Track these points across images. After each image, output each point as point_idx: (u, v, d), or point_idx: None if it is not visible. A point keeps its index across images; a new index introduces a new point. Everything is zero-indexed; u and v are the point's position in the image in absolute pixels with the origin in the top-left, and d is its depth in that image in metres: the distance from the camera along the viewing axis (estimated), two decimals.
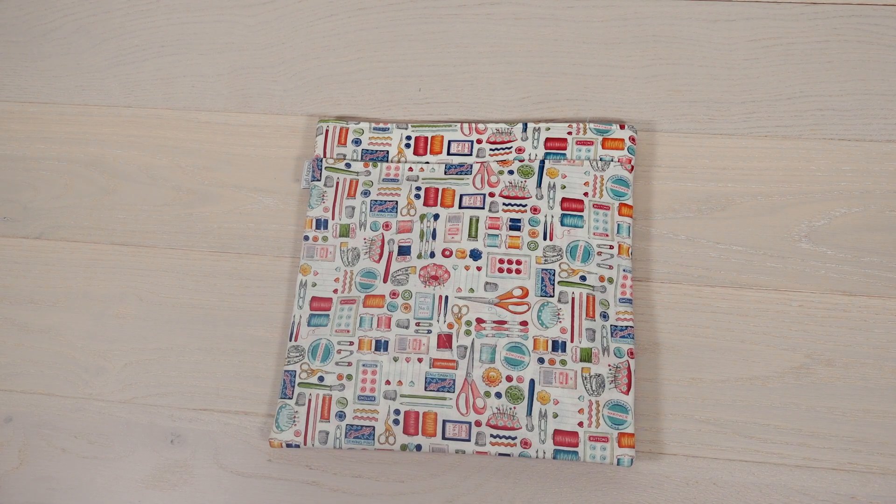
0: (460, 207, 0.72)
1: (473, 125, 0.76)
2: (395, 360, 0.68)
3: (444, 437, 0.66)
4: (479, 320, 0.68)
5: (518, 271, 0.70)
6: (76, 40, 0.86)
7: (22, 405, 0.73)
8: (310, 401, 0.68)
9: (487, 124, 0.76)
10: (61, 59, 0.86)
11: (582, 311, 0.68)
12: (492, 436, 0.65)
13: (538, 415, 0.65)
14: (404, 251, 0.72)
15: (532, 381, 0.66)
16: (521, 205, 0.72)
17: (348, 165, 0.76)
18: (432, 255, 0.71)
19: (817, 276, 0.69)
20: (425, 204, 0.73)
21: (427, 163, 0.75)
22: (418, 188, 0.74)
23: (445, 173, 0.74)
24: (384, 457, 0.69)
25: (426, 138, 0.76)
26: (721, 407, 0.67)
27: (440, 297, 0.69)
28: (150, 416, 0.72)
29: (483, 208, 0.72)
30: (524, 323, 0.68)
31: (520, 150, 0.74)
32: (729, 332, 0.69)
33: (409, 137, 0.76)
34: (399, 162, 0.75)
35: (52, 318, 0.76)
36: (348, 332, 0.70)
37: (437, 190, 0.73)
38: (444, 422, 0.66)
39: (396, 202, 0.74)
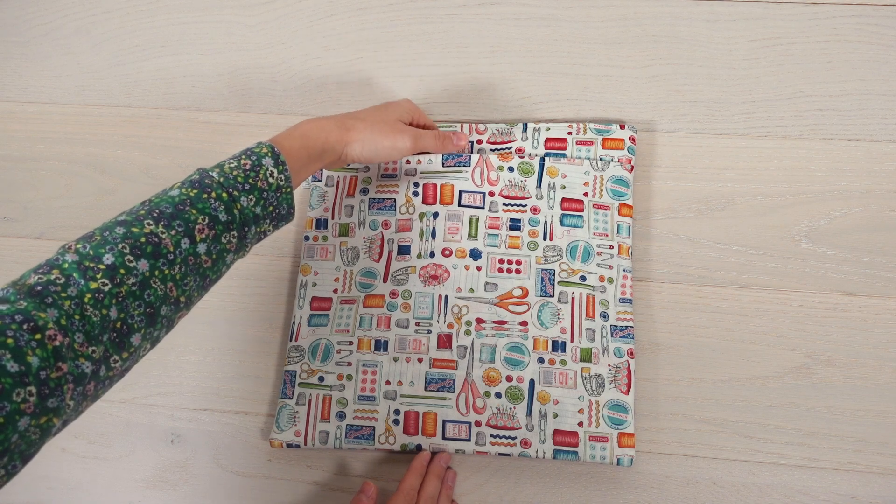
0: (459, 205, 0.72)
1: (473, 125, 0.76)
2: (395, 360, 0.68)
3: (444, 437, 0.66)
4: (479, 320, 0.68)
5: (518, 271, 0.70)
6: (76, 40, 0.86)
7: None
8: (310, 401, 0.68)
9: (487, 124, 0.76)
10: (61, 59, 0.86)
11: (582, 311, 0.68)
12: (492, 436, 0.65)
13: (538, 415, 0.65)
14: (404, 250, 0.72)
15: (532, 381, 0.66)
16: (521, 205, 0.72)
17: (348, 164, 0.76)
18: (432, 254, 0.71)
19: (817, 276, 0.69)
20: (424, 202, 0.73)
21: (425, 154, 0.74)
22: (416, 184, 0.73)
23: (443, 164, 0.73)
24: (384, 457, 0.69)
25: None
26: (721, 407, 0.67)
27: (440, 296, 0.69)
28: (150, 416, 0.72)
29: (483, 208, 0.72)
30: (524, 323, 0.68)
31: (520, 151, 0.74)
32: (729, 332, 0.69)
33: None
34: None
35: None
36: (348, 331, 0.70)
37: (435, 186, 0.73)
38: (444, 422, 0.66)
39: (395, 200, 0.73)
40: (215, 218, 0.53)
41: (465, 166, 0.73)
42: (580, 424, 0.65)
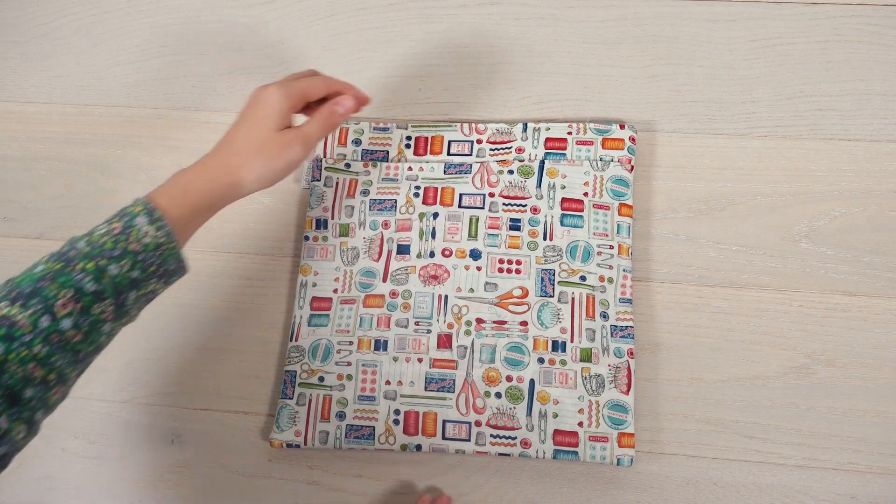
0: (460, 207, 0.72)
1: (473, 125, 0.76)
2: (395, 359, 0.68)
3: (444, 437, 0.66)
4: (479, 320, 0.68)
5: (518, 271, 0.70)
6: (76, 40, 0.86)
7: None
8: (310, 401, 0.68)
9: (487, 124, 0.76)
10: (61, 59, 0.86)
11: (582, 311, 0.68)
12: (492, 436, 0.65)
13: (538, 415, 0.65)
14: (403, 250, 0.72)
15: (532, 381, 0.66)
16: (521, 205, 0.72)
17: (348, 165, 0.76)
18: (432, 254, 0.71)
19: (817, 276, 0.69)
20: (424, 202, 0.73)
21: (427, 162, 0.75)
22: (417, 187, 0.73)
23: (445, 173, 0.74)
24: (384, 457, 0.69)
25: (426, 138, 0.76)
26: (721, 407, 0.67)
27: (440, 296, 0.69)
28: (150, 416, 0.72)
29: (483, 208, 0.72)
30: (524, 323, 0.68)
31: (520, 150, 0.74)
32: (729, 332, 0.69)
33: (409, 137, 0.76)
34: (399, 162, 0.75)
35: None
36: (348, 332, 0.70)
37: (436, 189, 0.73)
38: (444, 422, 0.66)
39: (395, 201, 0.73)
40: (80, 290, 0.50)
41: (466, 173, 0.73)
42: (580, 424, 0.65)
